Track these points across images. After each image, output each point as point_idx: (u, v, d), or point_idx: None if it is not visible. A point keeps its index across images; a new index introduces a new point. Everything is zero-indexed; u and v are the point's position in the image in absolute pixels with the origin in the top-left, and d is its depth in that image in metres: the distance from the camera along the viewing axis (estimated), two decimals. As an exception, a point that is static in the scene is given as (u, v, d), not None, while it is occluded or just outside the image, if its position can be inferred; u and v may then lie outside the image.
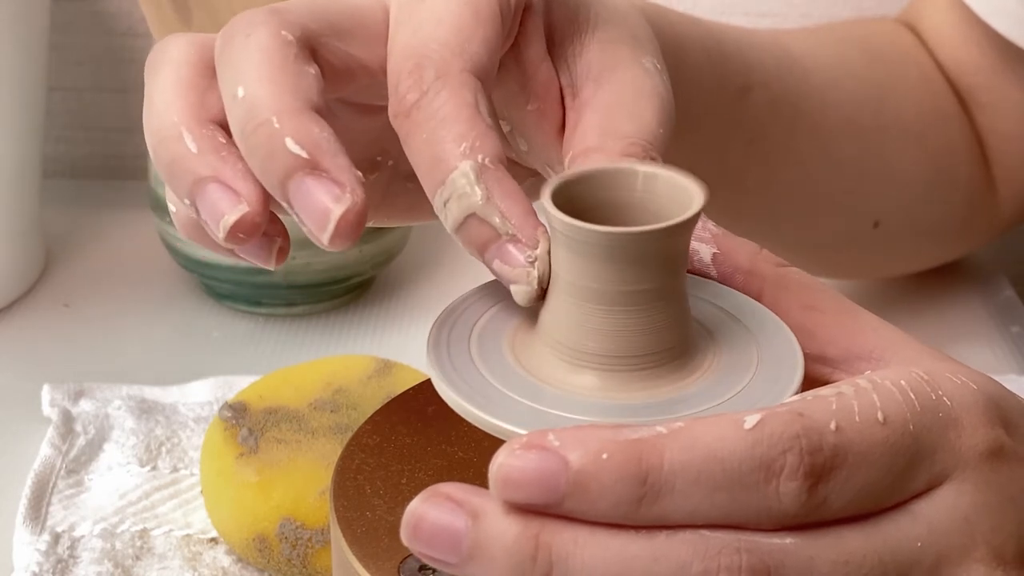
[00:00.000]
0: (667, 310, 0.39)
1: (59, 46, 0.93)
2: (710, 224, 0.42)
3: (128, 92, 0.96)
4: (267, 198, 0.41)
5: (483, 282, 0.43)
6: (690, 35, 0.59)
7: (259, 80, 0.41)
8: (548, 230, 0.40)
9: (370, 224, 0.48)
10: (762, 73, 0.64)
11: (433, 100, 0.41)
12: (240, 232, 0.41)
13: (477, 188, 0.40)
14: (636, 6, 0.50)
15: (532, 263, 0.40)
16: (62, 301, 0.80)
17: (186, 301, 0.80)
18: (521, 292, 0.40)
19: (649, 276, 0.39)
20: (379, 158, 0.48)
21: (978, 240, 0.79)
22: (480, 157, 0.40)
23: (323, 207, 0.39)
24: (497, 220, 0.40)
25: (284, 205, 0.40)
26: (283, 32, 0.42)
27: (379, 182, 0.48)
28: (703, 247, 0.42)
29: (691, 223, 0.38)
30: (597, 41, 0.45)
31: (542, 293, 0.40)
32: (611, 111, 0.44)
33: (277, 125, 0.40)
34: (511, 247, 0.40)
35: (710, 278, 0.42)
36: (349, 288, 0.79)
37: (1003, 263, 0.84)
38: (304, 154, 0.40)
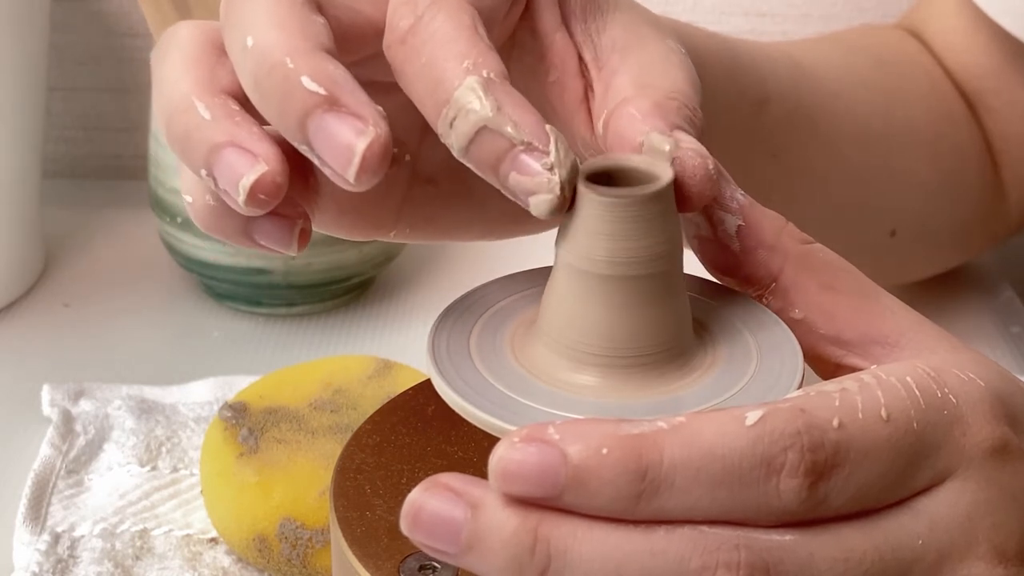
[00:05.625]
0: (665, 306, 0.39)
1: (59, 46, 0.93)
2: (738, 193, 0.42)
3: (128, 92, 0.96)
4: (285, 158, 0.40)
5: (483, 282, 0.43)
6: (708, 48, 0.59)
7: (268, 27, 0.40)
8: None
9: (392, 239, 0.48)
10: (777, 85, 0.64)
11: (430, 23, 0.40)
12: (261, 193, 0.40)
13: (486, 101, 0.38)
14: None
15: (551, 169, 0.38)
16: (62, 301, 0.80)
17: (186, 301, 0.80)
18: (543, 202, 0.38)
19: (647, 251, 0.39)
20: (396, 150, 0.47)
21: (987, 244, 0.79)
22: (485, 72, 0.39)
23: (346, 142, 0.38)
24: (510, 129, 0.38)
25: (303, 149, 0.39)
26: None
27: (398, 185, 0.47)
28: (729, 218, 0.41)
29: (663, 194, 0.39)
30: (620, 21, 0.45)
31: (565, 202, 0.38)
32: (642, 72, 0.43)
33: (291, 65, 0.39)
34: (526, 157, 0.38)
35: (733, 250, 0.42)
36: (349, 288, 0.79)
37: (1003, 264, 0.84)
38: (322, 91, 0.39)
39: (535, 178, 0.38)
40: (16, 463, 0.66)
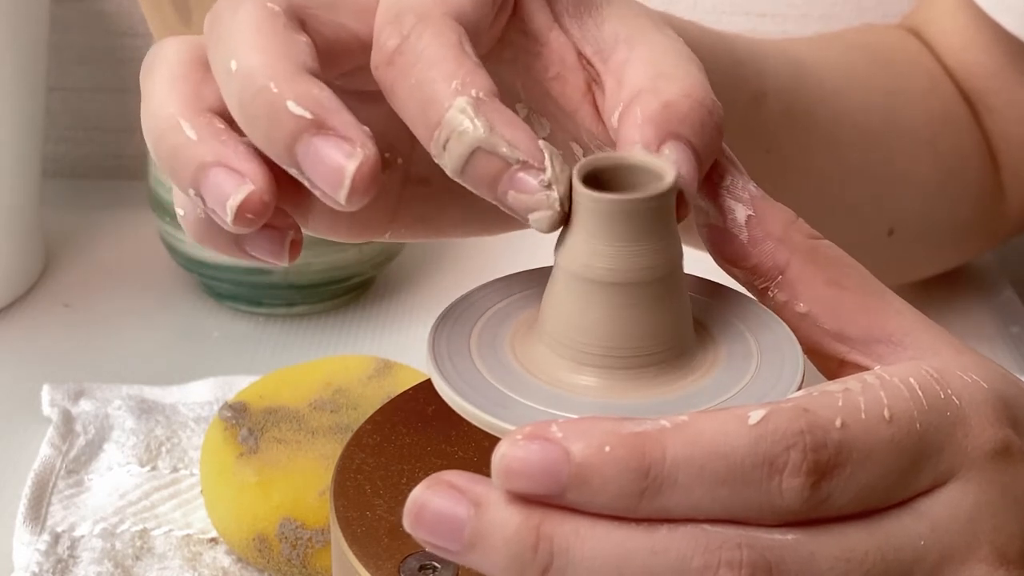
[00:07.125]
0: (666, 306, 0.39)
1: (59, 46, 0.93)
2: (751, 185, 0.42)
3: (128, 92, 0.96)
4: (272, 176, 0.40)
5: (483, 282, 0.43)
6: (703, 42, 0.59)
7: (251, 50, 0.40)
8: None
9: (386, 239, 0.48)
10: (775, 80, 0.64)
11: (416, 43, 0.40)
12: (248, 212, 0.40)
13: (477, 121, 0.39)
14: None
15: (548, 186, 0.38)
16: (62, 301, 0.80)
17: (186, 301, 0.80)
18: (543, 218, 0.39)
19: (647, 258, 0.39)
20: (387, 155, 0.47)
21: (987, 244, 0.79)
22: (474, 92, 0.39)
23: (336, 165, 0.39)
24: (504, 149, 0.38)
25: (293, 172, 0.40)
26: (269, 4, 0.41)
27: (391, 187, 0.47)
28: (739, 207, 0.41)
29: (666, 195, 0.38)
30: (616, 15, 0.45)
31: (565, 217, 0.39)
32: (656, 61, 0.43)
33: (276, 90, 0.39)
34: (524, 175, 0.38)
35: (741, 240, 0.41)
36: (349, 288, 0.79)
37: (1003, 264, 0.84)
38: (308, 115, 0.39)
39: (534, 195, 0.38)
40: (16, 463, 0.66)
